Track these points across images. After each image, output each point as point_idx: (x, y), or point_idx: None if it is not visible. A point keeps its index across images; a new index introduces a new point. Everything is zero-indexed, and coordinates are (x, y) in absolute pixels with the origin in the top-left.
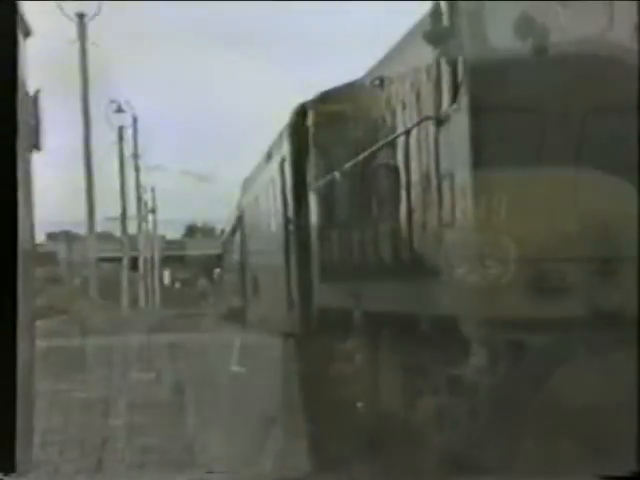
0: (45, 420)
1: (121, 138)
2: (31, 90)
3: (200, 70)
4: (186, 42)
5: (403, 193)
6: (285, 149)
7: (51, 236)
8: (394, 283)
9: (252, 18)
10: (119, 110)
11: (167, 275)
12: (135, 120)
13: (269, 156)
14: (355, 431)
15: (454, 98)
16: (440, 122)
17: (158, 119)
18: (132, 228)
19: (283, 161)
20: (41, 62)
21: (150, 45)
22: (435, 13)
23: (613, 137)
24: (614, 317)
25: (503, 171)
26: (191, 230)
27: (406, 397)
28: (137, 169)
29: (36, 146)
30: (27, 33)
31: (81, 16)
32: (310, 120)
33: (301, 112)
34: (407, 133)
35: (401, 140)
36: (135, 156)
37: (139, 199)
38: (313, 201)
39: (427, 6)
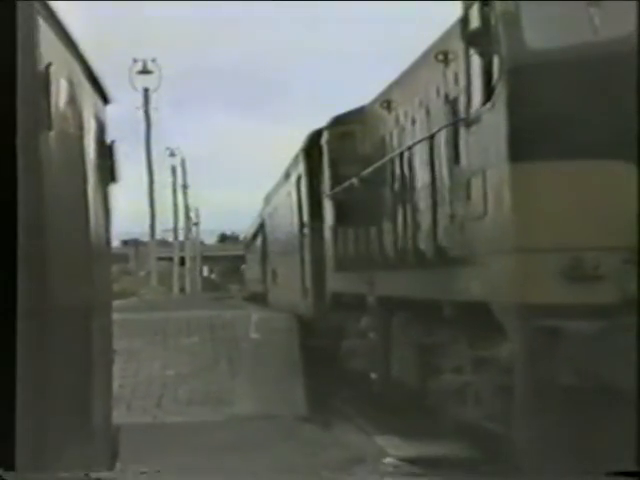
0: (120, 370)
1: (174, 174)
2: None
3: (226, 128)
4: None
5: (430, 191)
6: (301, 168)
7: (124, 242)
8: (415, 271)
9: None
10: (172, 154)
11: (205, 269)
12: (183, 161)
13: (287, 175)
14: (341, 383)
15: (488, 97)
16: (471, 122)
17: (200, 161)
18: (181, 236)
19: (299, 178)
20: (117, 121)
21: (192, 109)
22: (470, 14)
23: None
24: None
25: (539, 164)
26: (223, 237)
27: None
28: (185, 196)
29: (113, 179)
30: (107, 101)
31: (146, 89)
32: (325, 139)
33: (314, 137)
34: (431, 138)
35: (423, 145)
36: (184, 187)
37: (187, 216)
38: (328, 206)
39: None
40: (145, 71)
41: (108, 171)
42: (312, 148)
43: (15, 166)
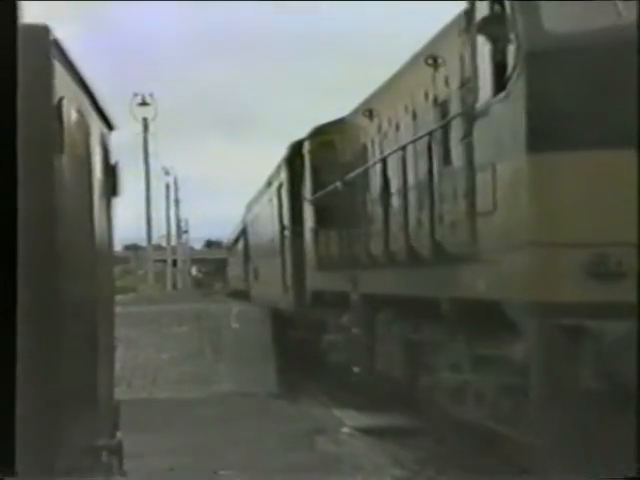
0: (121, 354)
1: (167, 189)
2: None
3: (212, 151)
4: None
5: (427, 189)
6: (282, 176)
7: (126, 247)
8: (406, 270)
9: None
10: (166, 173)
11: (194, 270)
12: (176, 180)
13: (268, 184)
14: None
15: (501, 87)
16: (478, 115)
17: (189, 179)
18: (173, 242)
19: (280, 185)
20: (120, 144)
21: (184, 134)
22: (478, 2)
23: None
24: None
25: (559, 155)
26: (208, 243)
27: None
28: (177, 208)
29: (116, 194)
30: (111, 128)
31: (145, 119)
32: (306, 149)
33: (295, 147)
34: (429, 135)
35: (418, 145)
36: (176, 201)
37: (178, 225)
38: (309, 210)
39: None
40: (144, 103)
41: (111, 187)
42: (294, 157)
43: (31, 182)
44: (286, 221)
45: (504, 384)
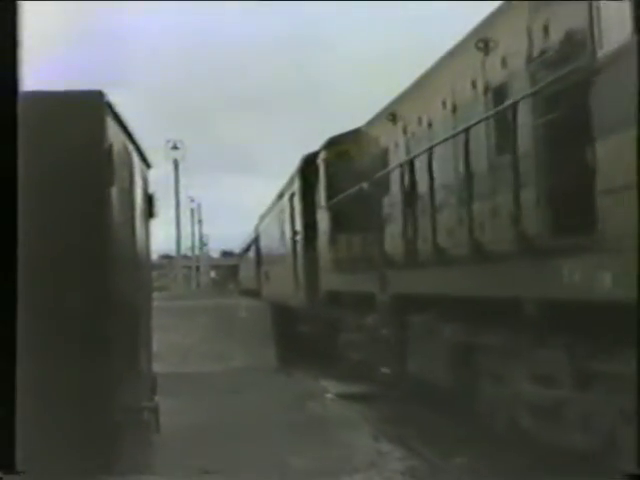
0: (157, 338)
1: (192, 214)
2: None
3: (228, 183)
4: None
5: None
6: (295, 186)
7: (161, 256)
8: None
9: None
10: (192, 201)
11: (212, 273)
12: (199, 206)
13: (280, 195)
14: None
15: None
16: (598, 70)
17: (210, 205)
18: (196, 252)
19: (292, 195)
20: (156, 179)
21: (208, 171)
22: None
23: None
24: None
25: None
26: (224, 253)
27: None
28: (200, 227)
29: (152, 216)
30: (149, 166)
31: (176, 160)
32: (321, 158)
33: (308, 159)
34: (511, 108)
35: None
36: (199, 221)
37: (200, 240)
38: (325, 215)
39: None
40: (175, 147)
41: (149, 211)
42: (307, 168)
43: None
44: (298, 227)
45: (615, 405)
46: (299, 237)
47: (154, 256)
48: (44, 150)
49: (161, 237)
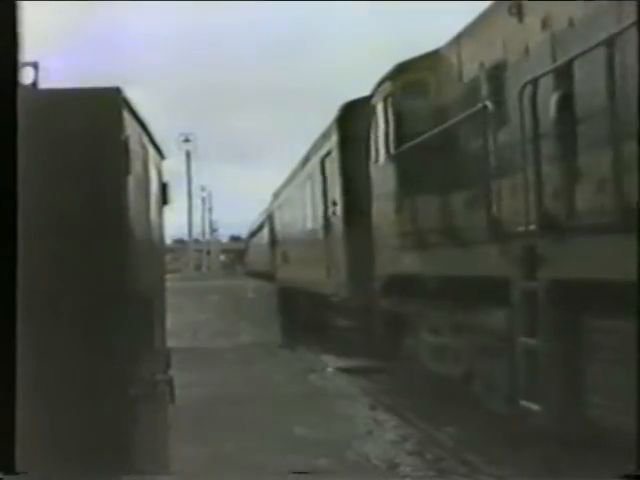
0: (170, 316)
1: (203, 202)
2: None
3: (235, 174)
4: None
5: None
6: (332, 142)
7: (174, 241)
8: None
9: None
10: (202, 190)
11: (222, 257)
12: (209, 194)
13: (305, 161)
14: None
15: None
16: None
17: (220, 194)
18: (207, 237)
19: (326, 156)
20: (170, 169)
21: (218, 162)
22: None
23: None
24: None
25: None
26: (233, 238)
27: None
28: (210, 214)
29: (166, 203)
30: (163, 157)
31: (187, 151)
32: (382, 94)
33: (347, 107)
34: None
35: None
36: (209, 209)
37: (210, 226)
38: (386, 173)
39: None
40: (187, 140)
41: (163, 198)
42: (349, 116)
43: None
44: (336, 194)
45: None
46: (337, 208)
47: (168, 240)
48: (67, 142)
49: (175, 223)
